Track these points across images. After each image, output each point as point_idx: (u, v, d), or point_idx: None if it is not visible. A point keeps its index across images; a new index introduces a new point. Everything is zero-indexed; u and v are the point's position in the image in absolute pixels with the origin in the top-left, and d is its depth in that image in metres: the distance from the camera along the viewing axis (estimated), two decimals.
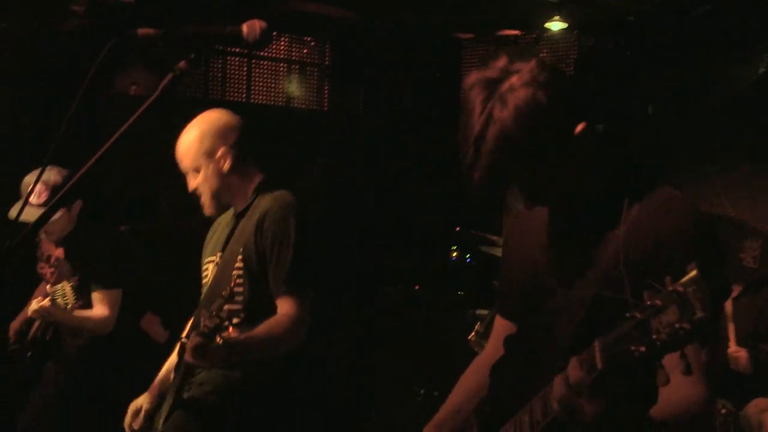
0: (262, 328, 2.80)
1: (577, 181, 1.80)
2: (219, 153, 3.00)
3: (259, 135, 3.11)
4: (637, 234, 1.71)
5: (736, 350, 4.66)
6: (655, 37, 5.84)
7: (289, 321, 2.82)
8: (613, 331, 1.45)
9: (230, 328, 2.64)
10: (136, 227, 4.65)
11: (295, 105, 6.90)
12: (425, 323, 6.32)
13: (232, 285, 2.71)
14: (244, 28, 1.92)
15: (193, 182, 3.04)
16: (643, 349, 1.38)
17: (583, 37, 6.05)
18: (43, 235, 4.09)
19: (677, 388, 1.61)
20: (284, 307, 2.85)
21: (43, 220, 1.91)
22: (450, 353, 5.10)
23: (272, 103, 6.77)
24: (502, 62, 1.75)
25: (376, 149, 6.95)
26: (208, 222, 3.26)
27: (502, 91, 1.70)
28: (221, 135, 3.02)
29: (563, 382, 1.55)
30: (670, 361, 1.39)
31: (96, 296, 3.98)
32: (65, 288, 4.07)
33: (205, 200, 3.05)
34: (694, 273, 1.34)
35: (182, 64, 1.84)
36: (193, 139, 3.02)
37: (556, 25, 5.78)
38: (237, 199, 3.07)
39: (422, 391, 5.90)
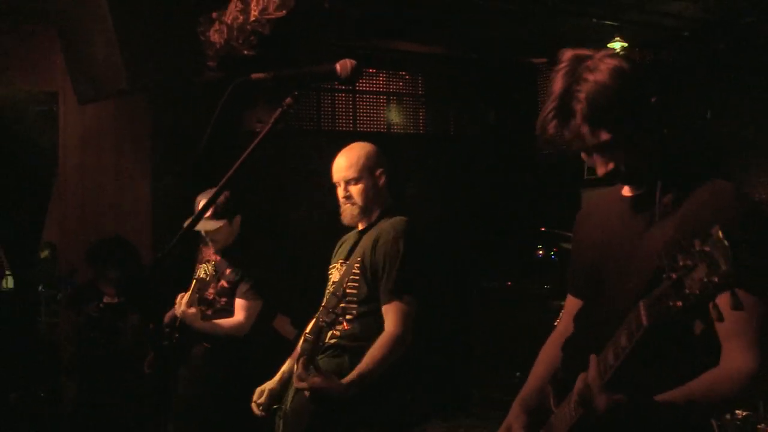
0: (370, 360, 2.90)
1: (647, 156, 1.85)
2: (379, 171, 3.22)
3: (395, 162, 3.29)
4: (692, 218, 1.74)
5: None
6: (708, 48, 5.96)
7: (393, 341, 2.94)
8: (653, 292, 1.50)
9: (344, 323, 2.86)
10: (274, 240, 4.98)
11: (395, 131, 7.32)
12: (517, 314, 6.55)
13: (344, 287, 2.94)
14: (338, 66, 2.00)
15: (346, 190, 3.19)
16: (679, 303, 1.44)
17: (643, 52, 6.16)
18: (207, 243, 4.21)
19: (731, 355, 1.68)
20: (389, 319, 2.98)
21: (194, 222, 2.07)
22: (539, 339, 5.24)
23: (375, 130, 7.14)
24: (584, 50, 1.85)
25: (467, 164, 7.30)
26: (331, 237, 3.47)
27: (590, 63, 1.81)
28: (381, 157, 3.25)
29: (583, 378, 1.66)
30: (723, 305, 1.42)
31: (239, 303, 4.07)
32: (208, 268, 4.21)
33: (354, 209, 3.19)
34: (717, 234, 1.38)
35: (288, 100, 1.95)
36: (361, 154, 3.20)
37: (617, 45, 5.86)
38: (371, 214, 3.25)
39: (518, 374, 6.12)
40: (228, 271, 4.16)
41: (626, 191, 1.99)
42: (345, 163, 3.19)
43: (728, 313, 1.45)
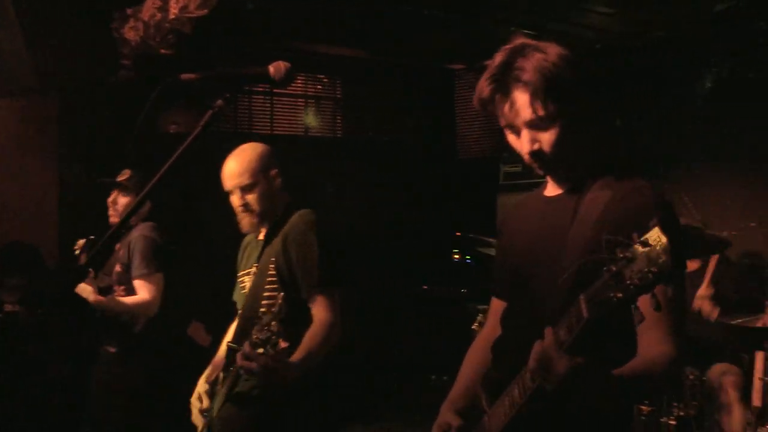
0: (311, 342, 2.83)
1: (571, 147, 1.88)
2: (273, 171, 3.08)
3: (282, 161, 3.20)
4: (613, 214, 1.78)
5: (704, 291, 4.72)
6: (619, 60, 6.14)
7: (327, 327, 2.86)
8: (593, 284, 1.53)
9: (280, 341, 2.68)
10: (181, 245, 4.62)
11: (313, 134, 7.24)
12: (434, 317, 6.59)
13: (279, 302, 2.69)
14: (271, 68, 1.95)
15: (242, 198, 3.05)
16: (620, 294, 1.46)
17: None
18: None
19: (650, 345, 1.73)
20: (318, 312, 2.89)
21: (121, 225, 2.00)
22: (456, 343, 5.24)
23: (292, 133, 7.06)
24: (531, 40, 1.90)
25: (384, 168, 7.28)
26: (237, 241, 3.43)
27: (538, 45, 1.86)
28: (273, 156, 3.11)
29: (540, 343, 1.63)
30: (645, 308, 1.46)
31: (138, 283, 3.99)
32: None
33: (252, 216, 3.07)
34: (656, 227, 1.42)
35: (219, 102, 1.89)
36: (253, 156, 3.05)
37: None
38: (272, 217, 3.13)
39: (433, 377, 6.25)
40: (121, 251, 4.06)
41: (548, 191, 2.01)
42: (237, 169, 3.03)
43: (648, 309, 1.48)
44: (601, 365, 1.67)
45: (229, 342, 3.02)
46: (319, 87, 7.23)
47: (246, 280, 3.14)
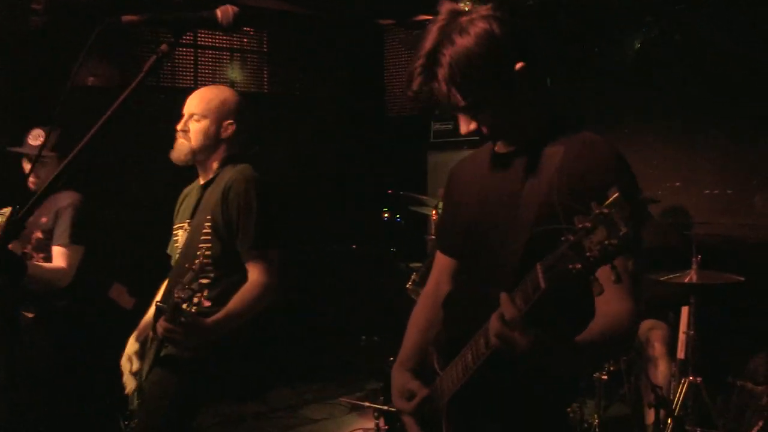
0: (237, 301, 2.80)
1: (514, 116, 1.87)
2: (227, 122, 3.01)
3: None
4: (567, 169, 1.76)
5: None
6: (548, 20, 6.07)
7: (261, 287, 2.82)
8: (551, 254, 1.49)
9: (201, 299, 2.65)
10: (104, 197, 4.59)
11: (238, 89, 6.83)
12: (364, 277, 6.56)
13: (201, 259, 2.69)
14: (219, 13, 1.90)
15: (188, 125, 3.00)
16: (579, 266, 1.43)
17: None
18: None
19: (608, 303, 1.71)
20: (254, 272, 2.85)
21: (48, 191, 1.85)
22: (388, 303, 5.23)
23: None
24: (461, 5, 1.86)
25: (312, 125, 7.14)
26: (171, 201, 3.34)
27: (462, 21, 1.81)
28: (238, 109, 3.04)
29: (499, 318, 1.60)
30: (604, 278, 1.44)
31: (57, 251, 3.81)
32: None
33: (184, 145, 3.01)
34: (615, 195, 1.38)
35: (164, 47, 1.80)
36: (217, 95, 3.02)
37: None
38: (204, 168, 3.07)
39: (364, 337, 6.24)
40: (44, 219, 3.86)
41: (498, 148, 1.98)
42: (197, 98, 3.03)
43: (607, 280, 1.46)
44: (563, 335, 1.65)
45: (158, 301, 2.94)
46: (245, 40, 7.02)
47: (180, 234, 3.07)
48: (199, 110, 2.99)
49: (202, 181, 3.08)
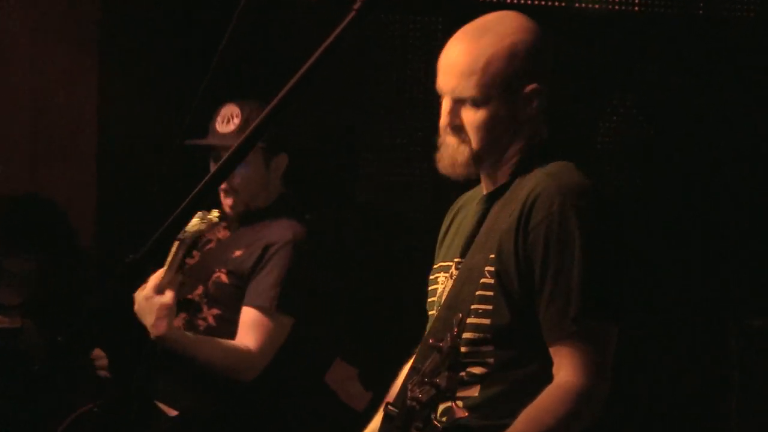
0: (531, 420, 1.75)
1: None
2: (528, 89, 1.83)
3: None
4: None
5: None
6: None
7: (578, 394, 1.74)
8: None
9: (454, 406, 1.71)
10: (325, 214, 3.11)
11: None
12: None
13: (456, 331, 1.69)
14: None
15: (454, 115, 1.87)
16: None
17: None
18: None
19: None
20: (566, 363, 1.76)
21: (236, 158, 1.25)
22: None
23: None
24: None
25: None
26: (425, 205, 2.31)
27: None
28: (537, 59, 1.84)
29: None
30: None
31: (250, 315, 2.58)
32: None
33: (463, 154, 1.88)
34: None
35: None
36: (494, 54, 1.82)
37: None
38: (494, 172, 1.93)
39: None
40: (238, 252, 2.63)
41: (485, 188, 1.92)
42: (460, 60, 1.85)
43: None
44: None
45: (388, 403, 1.96)
46: None
47: (438, 282, 2.02)
48: (471, 90, 1.84)
49: (485, 190, 1.98)
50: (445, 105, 1.87)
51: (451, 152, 1.88)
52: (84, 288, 3.34)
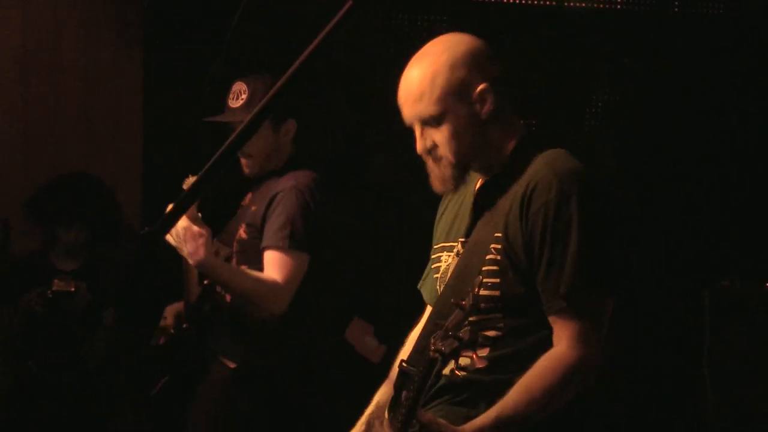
0: (532, 380, 1.83)
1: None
2: (477, 90, 1.92)
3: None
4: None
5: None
6: None
7: (570, 363, 1.82)
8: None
9: (474, 355, 1.72)
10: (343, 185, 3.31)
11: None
12: None
13: (476, 290, 1.76)
14: None
15: (427, 139, 1.97)
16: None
17: None
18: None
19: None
20: (562, 334, 1.85)
21: (245, 133, 1.37)
22: None
23: None
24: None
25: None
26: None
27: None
28: (477, 64, 1.93)
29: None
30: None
31: (271, 255, 2.74)
32: None
33: (446, 169, 1.97)
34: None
35: None
36: (435, 71, 1.92)
37: None
38: (490, 162, 2.02)
39: None
40: (253, 208, 2.86)
41: (481, 179, 2.00)
42: (410, 92, 1.94)
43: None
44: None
45: (402, 361, 2.00)
46: None
47: (444, 259, 2.08)
48: (424, 110, 1.94)
49: (481, 180, 2.06)
50: (416, 133, 1.95)
51: (437, 173, 1.96)
52: (129, 257, 3.71)
